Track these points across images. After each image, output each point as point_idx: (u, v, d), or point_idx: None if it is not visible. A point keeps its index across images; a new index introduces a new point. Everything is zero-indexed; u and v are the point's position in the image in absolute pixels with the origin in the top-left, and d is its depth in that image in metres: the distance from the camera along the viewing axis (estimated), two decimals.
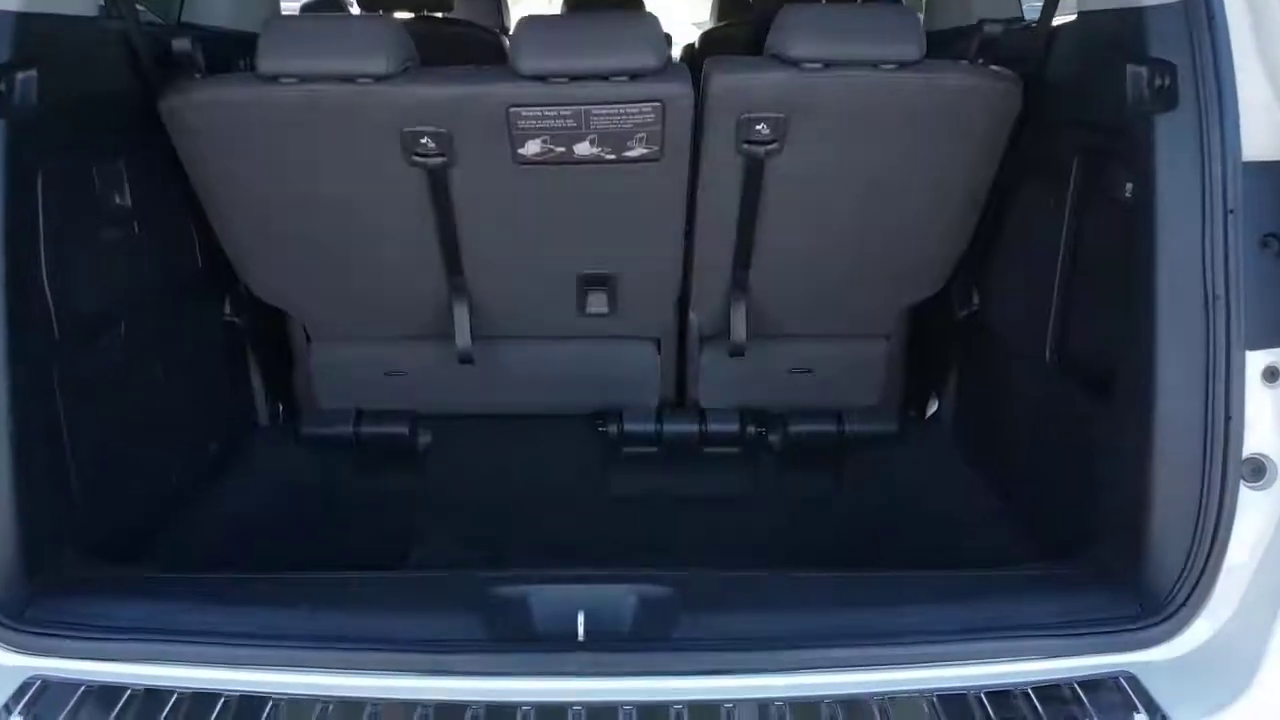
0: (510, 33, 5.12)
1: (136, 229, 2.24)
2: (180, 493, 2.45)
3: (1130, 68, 1.80)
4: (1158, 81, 1.74)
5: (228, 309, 2.67)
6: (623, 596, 1.81)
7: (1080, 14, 2.17)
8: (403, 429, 2.85)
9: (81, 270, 1.99)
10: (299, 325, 2.71)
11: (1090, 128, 2.11)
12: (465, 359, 2.56)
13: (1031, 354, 2.34)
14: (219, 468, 2.68)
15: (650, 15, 2.16)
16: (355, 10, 3.66)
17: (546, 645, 1.74)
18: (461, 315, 2.54)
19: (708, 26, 4.84)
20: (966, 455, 2.79)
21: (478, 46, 3.48)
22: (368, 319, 2.67)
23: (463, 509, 2.91)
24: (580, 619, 1.74)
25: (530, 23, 2.14)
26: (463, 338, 2.54)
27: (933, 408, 2.96)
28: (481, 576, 1.86)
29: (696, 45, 3.51)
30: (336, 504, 2.90)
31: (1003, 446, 2.54)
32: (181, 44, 2.09)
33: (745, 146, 2.24)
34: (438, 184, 2.28)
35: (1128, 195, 1.90)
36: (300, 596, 1.81)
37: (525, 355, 2.77)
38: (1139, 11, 1.81)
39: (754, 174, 2.30)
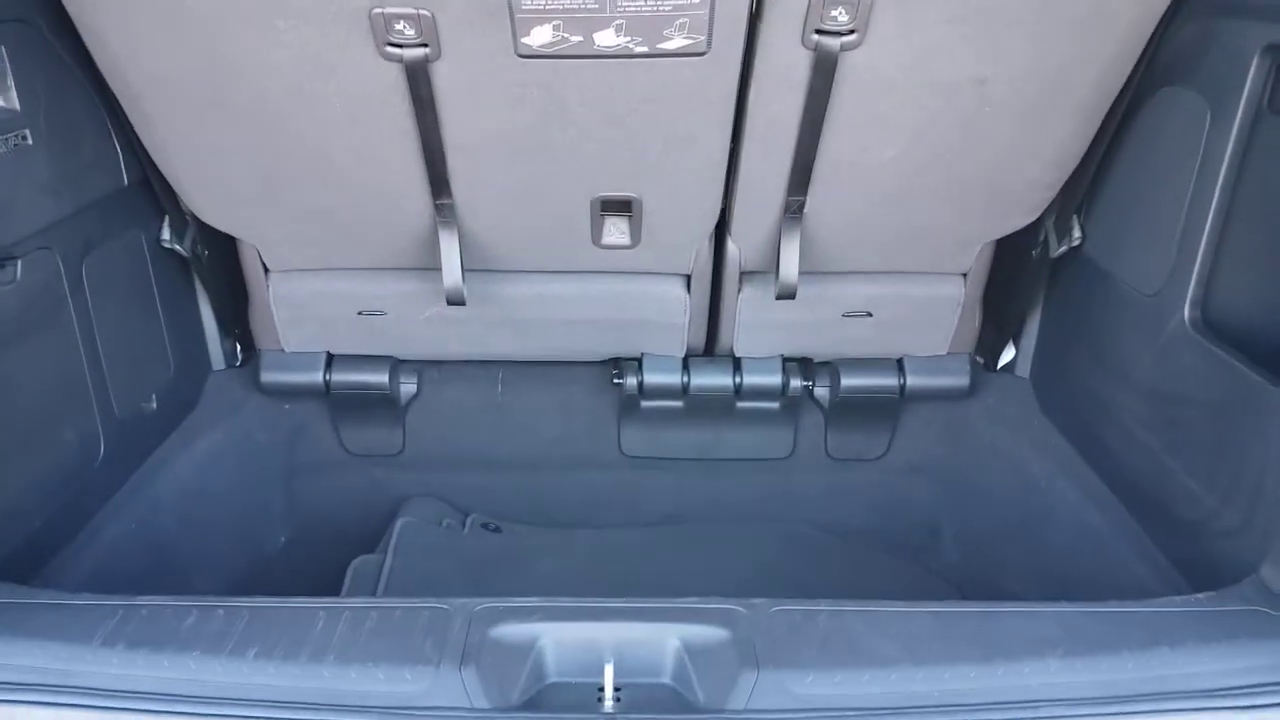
0: None
1: (29, 139, 1.75)
2: (106, 471, 2.02)
3: None
4: None
5: (165, 234, 2.19)
6: (662, 640, 1.39)
7: None
8: (381, 376, 2.41)
9: None
10: (254, 252, 2.23)
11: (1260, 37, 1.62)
12: (454, 299, 2.09)
13: (1159, 308, 1.88)
14: (160, 428, 2.24)
15: None
16: None
17: (561, 712, 1.32)
18: (450, 246, 2.07)
19: None
20: (1053, 418, 2.35)
21: None
22: (335, 248, 2.19)
23: (451, 471, 2.50)
24: (608, 675, 1.32)
25: None
26: (451, 274, 2.08)
27: (1007, 356, 2.51)
28: (478, 609, 1.43)
29: None
30: (300, 474, 2.48)
31: (1106, 418, 2.10)
32: None
33: (816, 37, 1.74)
34: (418, 81, 1.78)
35: None
36: (249, 636, 1.38)
37: (527, 293, 2.30)
38: None
39: (824, 72, 1.80)
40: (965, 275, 2.30)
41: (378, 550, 2.17)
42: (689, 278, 2.31)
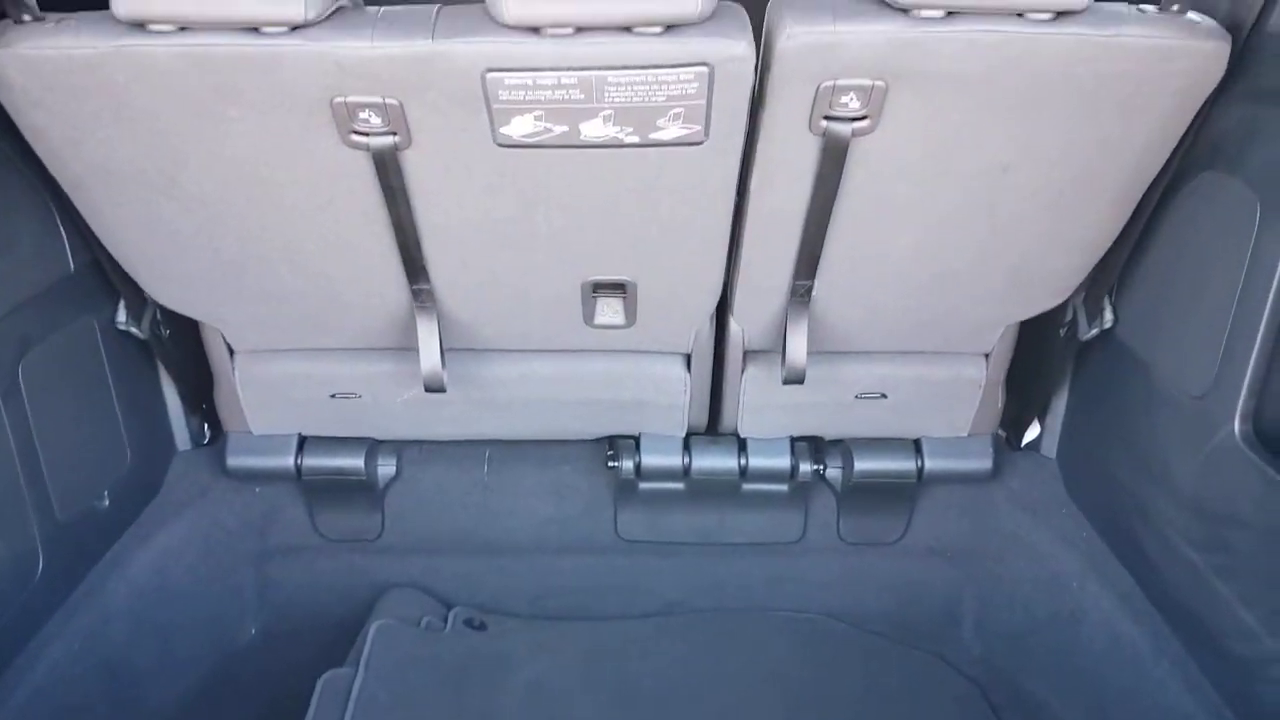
0: None
1: None
2: (46, 587, 1.87)
3: None
4: None
5: (121, 316, 2.03)
6: None
7: None
8: (357, 460, 2.25)
9: None
10: (218, 332, 2.08)
11: None
12: (433, 387, 1.94)
13: (1205, 414, 1.71)
14: (114, 526, 2.09)
15: None
16: None
17: None
18: (428, 332, 1.91)
19: None
20: (1082, 506, 2.18)
21: None
22: (304, 330, 2.04)
23: (434, 557, 2.34)
24: None
25: None
26: (429, 360, 1.92)
27: (1031, 434, 2.33)
28: None
29: None
30: (271, 560, 2.32)
31: (1143, 521, 1.93)
32: None
33: (825, 123, 1.57)
34: (387, 169, 1.62)
35: None
36: None
37: (514, 373, 2.14)
38: None
39: (833, 158, 1.63)
40: (988, 356, 2.13)
41: (349, 659, 2.01)
42: (689, 356, 2.15)
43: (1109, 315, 2.01)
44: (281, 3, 1.41)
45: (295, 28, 1.44)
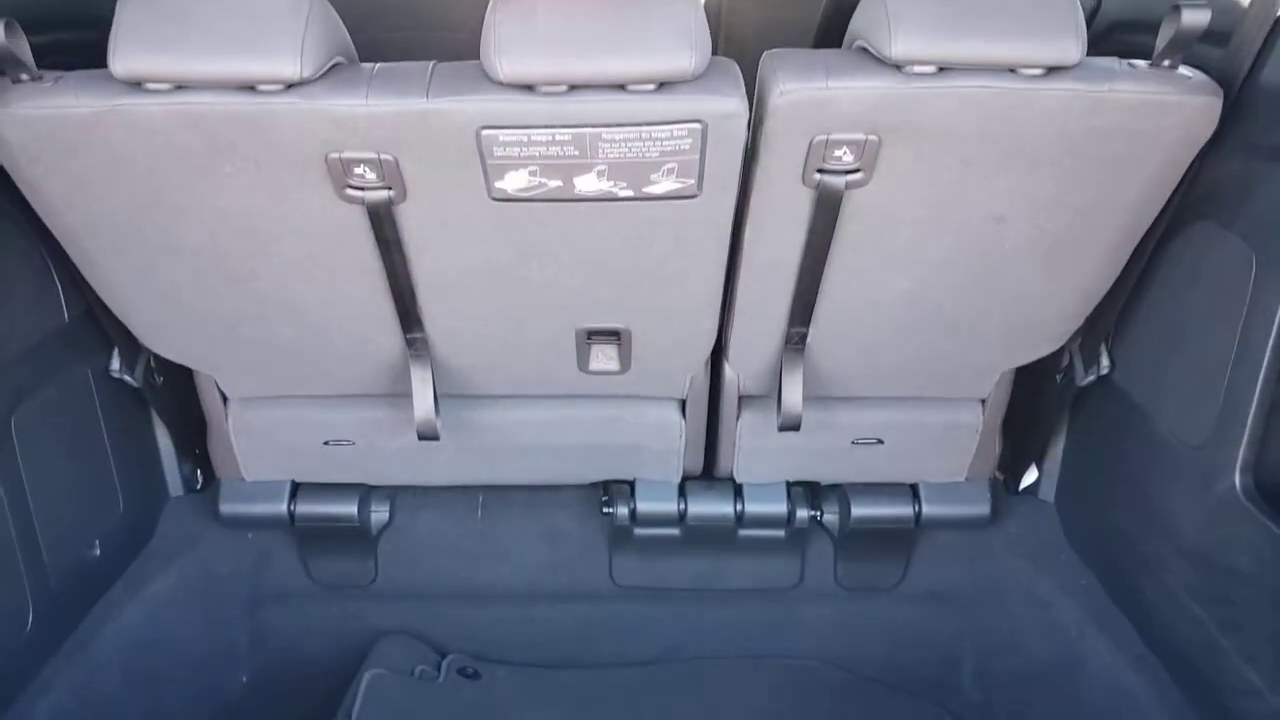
0: None
1: None
2: (35, 641, 1.85)
3: None
4: None
5: (115, 364, 2.02)
6: None
7: None
8: (350, 507, 2.24)
9: None
10: (211, 380, 2.07)
11: None
12: (426, 434, 1.93)
13: (1205, 465, 1.70)
14: (105, 575, 2.07)
15: None
16: None
17: None
18: (421, 380, 1.90)
19: None
20: (1081, 551, 2.17)
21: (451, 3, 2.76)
22: (297, 378, 2.03)
23: (428, 603, 2.33)
24: None
25: (511, 3, 1.45)
26: (423, 407, 1.91)
27: (1029, 478, 2.32)
28: None
29: None
30: (264, 606, 2.30)
31: (1144, 569, 1.92)
32: None
33: (819, 176, 1.58)
34: (381, 222, 1.62)
35: None
36: None
37: (508, 419, 2.13)
38: None
39: (827, 210, 1.63)
40: (984, 401, 2.13)
41: (342, 710, 1.99)
42: (684, 402, 2.14)
43: (1106, 361, 2.01)
44: (277, 61, 1.41)
45: (290, 85, 1.44)
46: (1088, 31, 1.85)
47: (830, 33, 1.78)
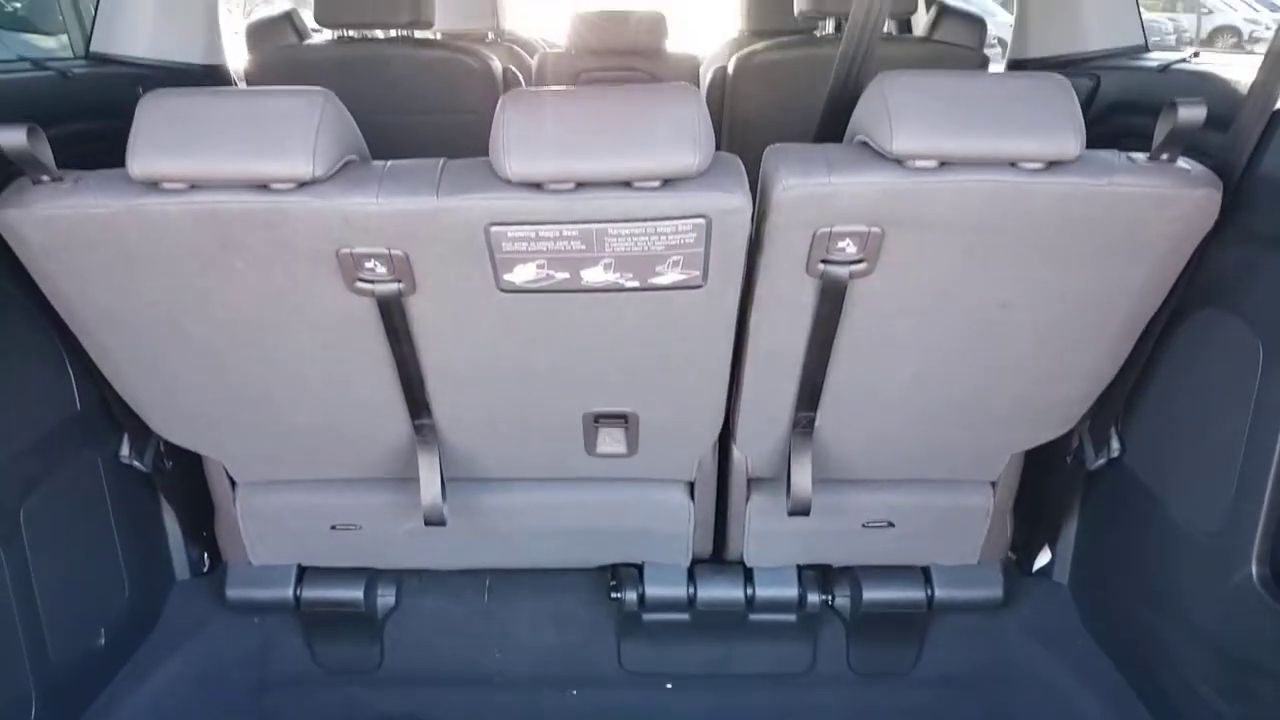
0: (502, 35, 4.49)
1: None
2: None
3: None
4: None
5: (125, 450, 2.04)
6: None
7: None
8: (356, 592, 2.23)
9: None
10: (219, 465, 2.08)
11: None
12: (433, 520, 1.93)
13: (1220, 553, 1.68)
14: (110, 663, 2.06)
15: (691, 93, 1.50)
16: (310, 23, 3.00)
17: None
18: (429, 466, 1.91)
19: (741, 40, 4.14)
20: (1098, 636, 2.14)
21: (462, 77, 2.82)
22: (305, 463, 2.04)
23: (435, 688, 2.30)
24: None
25: (519, 103, 1.48)
26: (430, 493, 1.91)
27: (1042, 560, 2.30)
28: None
29: (730, 71, 2.86)
30: (270, 692, 2.28)
31: (1162, 659, 1.89)
32: (11, 138, 1.43)
33: (823, 266, 1.60)
34: (391, 314, 1.64)
35: None
36: None
37: (515, 503, 2.13)
38: None
39: (832, 299, 1.65)
40: (994, 484, 2.12)
41: None
42: (692, 484, 2.13)
43: (1116, 445, 2.00)
44: (290, 161, 1.44)
45: (303, 184, 1.47)
46: (1088, 111, 1.88)
47: (831, 125, 1.81)
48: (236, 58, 2.89)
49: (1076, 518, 2.22)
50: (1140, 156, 1.53)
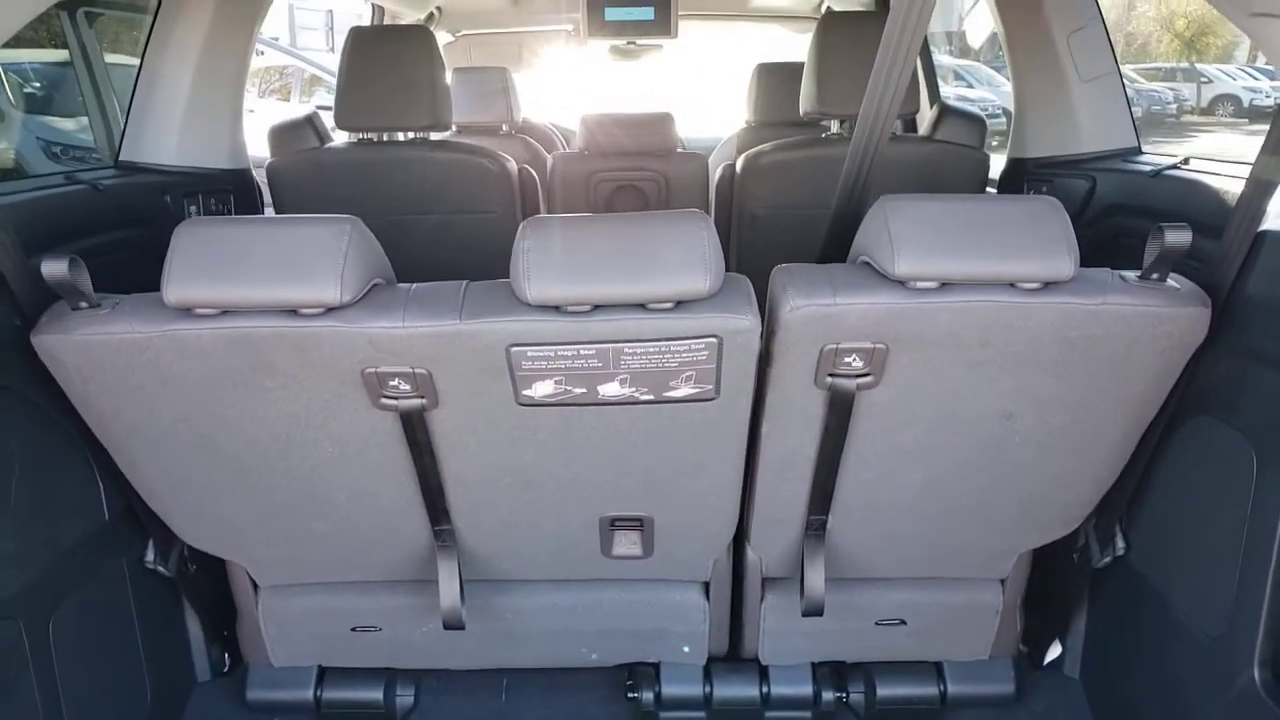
0: (515, 127, 4.61)
1: (12, 498, 1.67)
2: None
3: None
4: None
5: (150, 555, 2.08)
6: None
7: None
8: (375, 693, 2.25)
9: None
10: (242, 569, 2.12)
11: None
12: (452, 624, 1.97)
13: (1224, 656, 1.71)
14: None
15: (701, 219, 1.57)
16: (330, 126, 3.12)
17: None
18: (448, 570, 1.95)
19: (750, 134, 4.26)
20: None
21: (479, 179, 2.92)
22: (327, 567, 2.08)
23: None
24: None
25: (539, 230, 1.56)
26: (449, 597, 1.95)
27: (1053, 653, 2.32)
28: None
29: (738, 170, 2.95)
30: None
31: None
32: (54, 268, 1.51)
33: (831, 379, 1.65)
34: (414, 428, 1.70)
35: None
36: None
37: (532, 605, 2.16)
38: None
39: (840, 409, 1.70)
40: (1004, 582, 2.15)
41: None
42: (708, 584, 2.17)
43: (1121, 543, 2.03)
44: (318, 288, 1.51)
45: (331, 309, 1.54)
46: (1085, 211, 1.93)
47: (837, 239, 1.88)
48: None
49: (1086, 613, 2.24)
50: (1132, 275, 1.60)
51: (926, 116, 3.16)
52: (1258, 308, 1.64)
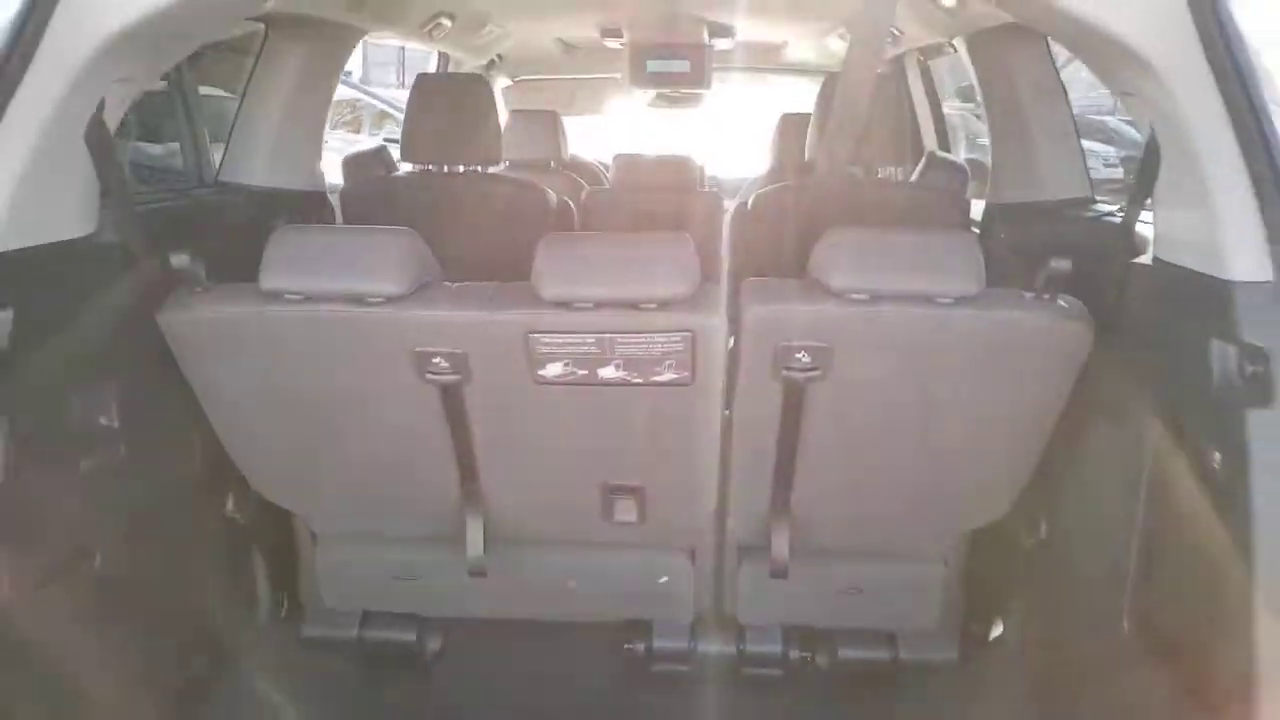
0: (562, 164, 5.09)
1: (124, 450, 2.11)
2: None
3: (1216, 343, 1.56)
4: (1249, 368, 1.50)
5: (230, 505, 2.52)
6: None
7: (1156, 260, 1.94)
8: (410, 635, 2.67)
9: (51, 511, 1.86)
10: (304, 524, 2.56)
11: (1170, 391, 1.87)
12: (476, 571, 2.38)
13: (1107, 615, 2.06)
14: (205, 682, 2.50)
15: (683, 240, 1.99)
16: (395, 157, 3.58)
17: None
18: (475, 526, 2.36)
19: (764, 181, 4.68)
20: (1043, 703, 2.48)
21: (523, 208, 3.36)
22: (376, 522, 2.51)
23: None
24: None
25: (555, 244, 1.99)
26: (474, 549, 2.37)
27: (996, 630, 2.66)
28: None
29: (749, 205, 3.36)
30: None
31: (1079, 703, 2.24)
32: (180, 260, 1.98)
33: (784, 373, 2.05)
34: (451, 399, 2.13)
35: (1216, 468, 1.65)
36: None
37: (544, 562, 2.57)
38: (1225, 285, 1.58)
39: (794, 399, 2.10)
40: (946, 561, 2.51)
41: None
42: (693, 551, 2.56)
43: (1043, 529, 2.39)
44: (380, 282, 1.95)
45: (389, 299, 1.98)
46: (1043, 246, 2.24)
47: (801, 259, 2.28)
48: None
49: (1022, 593, 2.58)
50: (1029, 295, 1.98)
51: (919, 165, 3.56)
52: (1133, 325, 2.01)
